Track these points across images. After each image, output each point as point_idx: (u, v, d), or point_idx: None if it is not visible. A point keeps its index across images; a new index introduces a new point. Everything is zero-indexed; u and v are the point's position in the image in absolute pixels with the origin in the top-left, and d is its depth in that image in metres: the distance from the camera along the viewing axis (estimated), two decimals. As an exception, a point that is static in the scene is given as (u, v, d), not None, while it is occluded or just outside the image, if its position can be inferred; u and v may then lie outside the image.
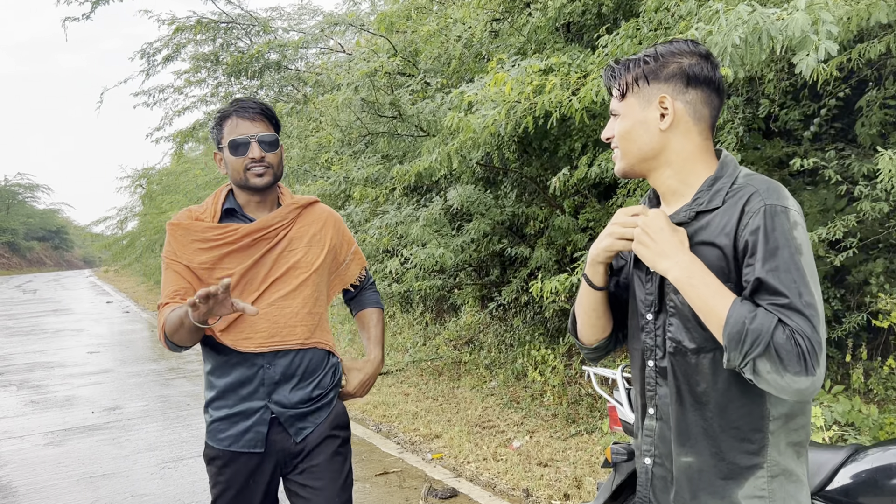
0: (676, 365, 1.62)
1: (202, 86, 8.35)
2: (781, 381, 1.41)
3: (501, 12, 6.40)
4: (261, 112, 2.32)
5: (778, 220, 1.49)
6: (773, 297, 1.45)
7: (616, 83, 1.68)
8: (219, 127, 2.33)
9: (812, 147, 5.50)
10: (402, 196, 7.37)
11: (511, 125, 4.13)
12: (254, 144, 2.28)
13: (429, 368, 8.09)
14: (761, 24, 2.23)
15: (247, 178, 2.29)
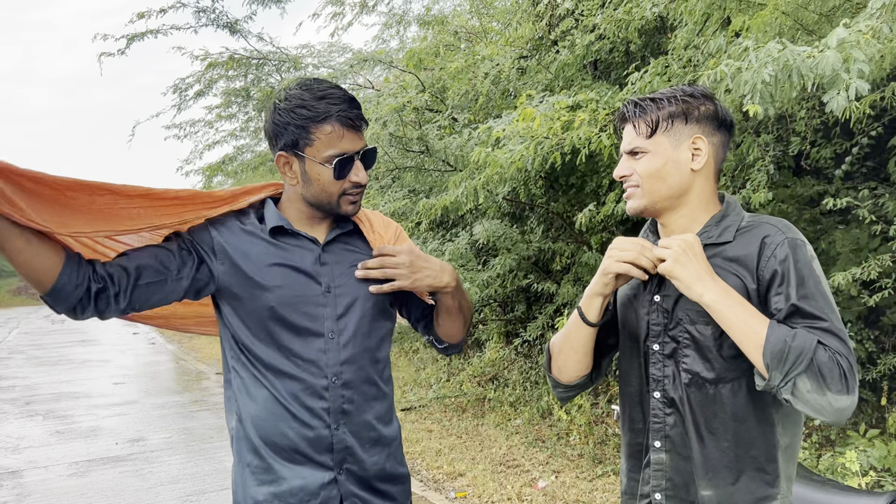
0: (692, 396, 1.61)
1: (232, 120, 8.51)
2: (822, 399, 1.41)
3: (529, 50, 6.45)
4: (363, 118, 1.83)
5: (801, 252, 1.54)
6: (809, 321, 1.48)
7: (645, 119, 1.65)
8: (303, 128, 1.76)
9: (843, 185, 5.43)
10: (429, 230, 7.38)
11: (539, 161, 4.13)
12: (358, 164, 1.80)
13: (452, 405, 8.01)
14: (791, 62, 2.22)
15: (339, 203, 1.82)
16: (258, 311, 1.82)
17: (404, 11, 8.19)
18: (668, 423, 1.64)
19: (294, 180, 1.84)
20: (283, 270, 1.84)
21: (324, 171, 1.77)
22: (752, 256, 1.57)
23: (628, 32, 5.32)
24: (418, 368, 10.15)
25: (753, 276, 1.56)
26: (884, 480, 4.33)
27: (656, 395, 1.66)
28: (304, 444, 1.81)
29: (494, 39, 6.61)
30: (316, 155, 1.77)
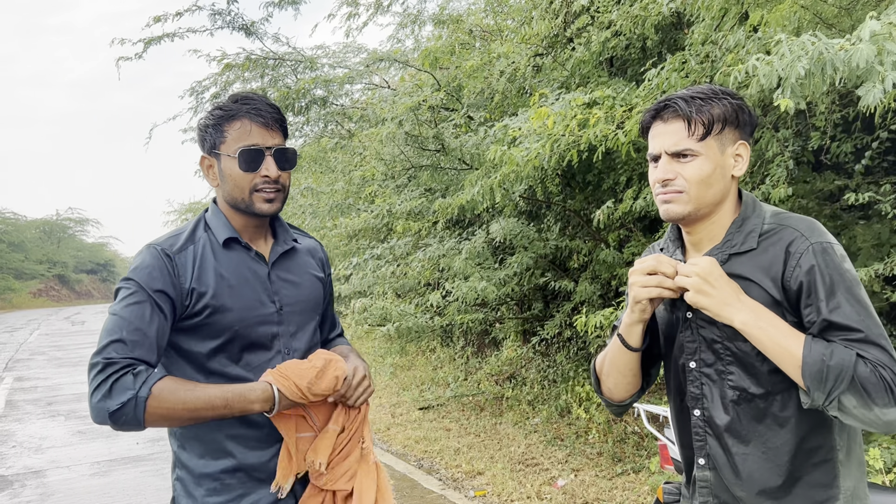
0: (743, 413, 1.57)
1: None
2: (870, 414, 1.40)
3: (545, 47, 6.43)
4: (279, 119, 1.88)
5: (828, 258, 1.49)
6: (844, 333, 1.44)
7: (701, 119, 1.56)
8: (218, 127, 1.83)
9: (864, 180, 5.37)
10: (445, 229, 7.38)
11: (555, 158, 4.12)
12: (269, 159, 1.82)
13: (470, 403, 8.01)
14: (825, 55, 2.19)
15: (252, 200, 1.83)
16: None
17: (419, 11, 8.17)
18: (710, 443, 1.62)
19: (215, 181, 1.90)
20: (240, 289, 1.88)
21: (234, 165, 1.82)
22: (777, 267, 1.53)
23: (644, 28, 5.29)
24: (435, 367, 10.16)
25: (779, 287, 1.52)
26: (908, 478, 4.27)
27: (696, 413, 1.63)
28: None
29: (510, 37, 6.59)
30: (228, 150, 1.82)
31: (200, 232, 1.89)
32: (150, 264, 1.78)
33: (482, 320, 7.70)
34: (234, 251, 1.89)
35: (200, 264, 1.83)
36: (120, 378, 1.64)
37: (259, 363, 1.85)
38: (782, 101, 2.53)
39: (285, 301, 1.92)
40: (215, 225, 1.89)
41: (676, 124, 1.58)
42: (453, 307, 6.32)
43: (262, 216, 1.88)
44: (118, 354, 1.67)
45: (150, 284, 1.75)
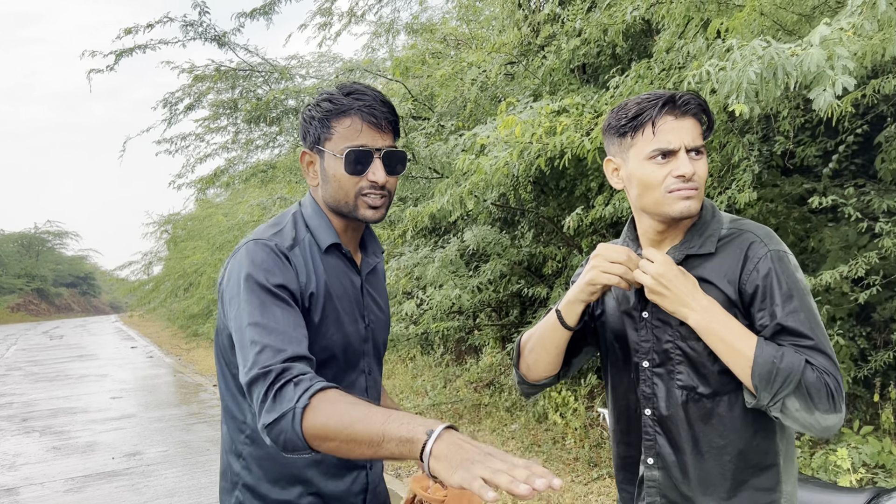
0: (691, 413, 1.59)
1: (222, 133, 8.52)
2: (811, 418, 1.43)
3: (516, 55, 6.47)
4: (393, 119, 1.71)
5: (784, 265, 1.53)
6: (795, 338, 1.48)
7: (708, 117, 1.59)
8: (325, 122, 1.67)
9: (831, 183, 5.45)
10: (420, 238, 7.38)
11: (524, 166, 4.14)
12: (378, 162, 1.66)
13: (449, 411, 8.01)
14: (776, 60, 2.23)
15: (356, 205, 1.67)
16: None
17: (392, 20, 8.22)
18: (660, 442, 1.64)
19: (315, 180, 1.73)
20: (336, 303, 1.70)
21: (339, 165, 1.65)
22: (734, 270, 1.56)
23: (612, 36, 5.34)
24: (414, 376, 10.15)
25: (736, 289, 1.55)
26: (876, 477, 4.33)
27: (647, 412, 1.65)
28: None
29: (482, 46, 6.63)
30: (334, 148, 1.66)
31: (303, 231, 1.70)
32: (263, 259, 1.58)
33: (460, 328, 7.71)
34: (334, 257, 1.72)
35: (312, 268, 1.65)
36: (282, 388, 1.40)
37: (348, 383, 1.72)
38: (737, 105, 2.57)
39: (371, 318, 1.79)
40: (317, 226, 1.72)
41: (690, 120, 1.56)
42: (428, 315, 6.33)
43: (365, 223, 1.73)
44: (272, 361, 1.44)
45: (269, 280, 1.55)
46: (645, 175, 1.57)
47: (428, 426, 1.26)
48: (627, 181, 1.64)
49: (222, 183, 9.87)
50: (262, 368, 1.43)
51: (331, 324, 1.64)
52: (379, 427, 1.29)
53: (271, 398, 1.39)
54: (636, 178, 1.60)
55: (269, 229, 1.69)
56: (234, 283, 1.59)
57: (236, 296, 1.56)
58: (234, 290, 1.57)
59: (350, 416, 1.33)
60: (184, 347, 20.39)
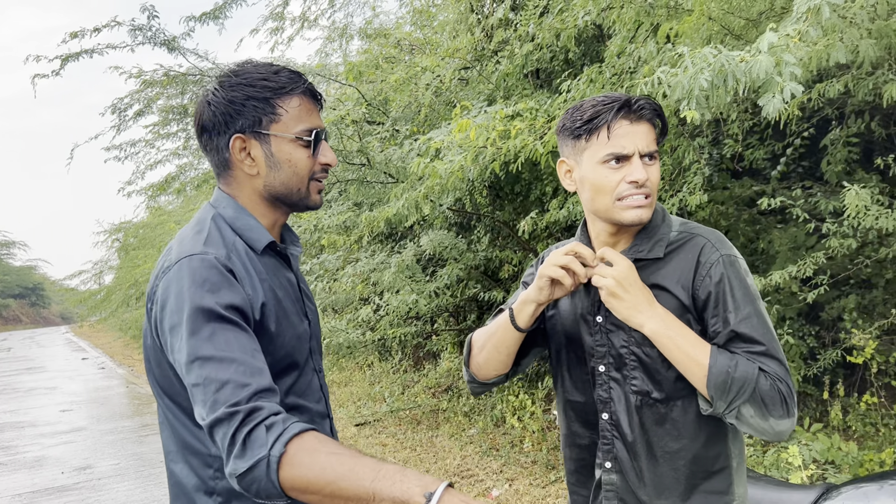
0: (645, 417, 1.59)
1: (173, 139, 8.36)
2: (765, 424, 1.45)
3: (470, 60, 6.48)
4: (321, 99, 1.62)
5: (736, 270, 1.53)
6: (748, 345, 1.49)
7: (661, 121, 1.58)
8: (268, 102, 1.51)
9: (780, 185, 5.56)
10: (376, 243, 7.34)
11: (479, 170, 4.14)
12: (325, 144, 1.58)
13: (407, 417, 7.97)
14: (726, 67, 2.26)
15: (308, 191, 1.57)
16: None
17: (346, 25, 8.17)
18: (617, 447, 1.63)
19: (255, 169, 1.54)
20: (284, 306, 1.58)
21: (296, 150, 1.53)
22: (687, 275, 1.55)
23: (564, 41, 5.38)
24: (372, 382, 10.08)
25: (689, 294, 1.55)
26: (826, 473, 4.42)
27: (604, 416, 1.64)
28: None
29: (436, 51, 6.63)
30: (284, 130, 1.52)
31: (230, 236, 1.53)
32: (206, 277, 1.40)
33: (417, 333, 7.68)
34: (268, 257, 1.58)
35: (254, 274, 1.50)
36: (252, 431, 1.27)
37: (304, 389, 1.58)
38: (688, 112, 2.60)
39: (309, 313, 1.67)
40: (245, 226, 1.55)
41: (645, 125, 1.55)
42: (385, 321, 6.28)
43: (313, 209, 1.63)
44: (236, 399, 1.30)
45: (217, 302, 1.38)
46: (598, 179, 1.56)
47: (425, 485, 1.19)
48: (580, 184, 1.62)
49: (174, 190, 9.68)
50: (228, 408, 1.29)
51: (285, 330, 1.53)
52: (367, 485, 1.21)
53: (240, 443, 1.27)
54: (589, 182, 1.58)
55: (195, 238, 1.50)
56: (174, 309, 1.40)
57: (179, 325, 1.38)
58: (176, 319, 1.39)
59: (334, 471, 1.24)
60: (136, 358, 19.95)
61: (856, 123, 5.25)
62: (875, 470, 4.49)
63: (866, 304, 5.42)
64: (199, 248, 1.46)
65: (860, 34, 2.81)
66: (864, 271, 4.97)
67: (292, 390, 1.56)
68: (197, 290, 1.38)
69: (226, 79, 1.55)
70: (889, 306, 5.35)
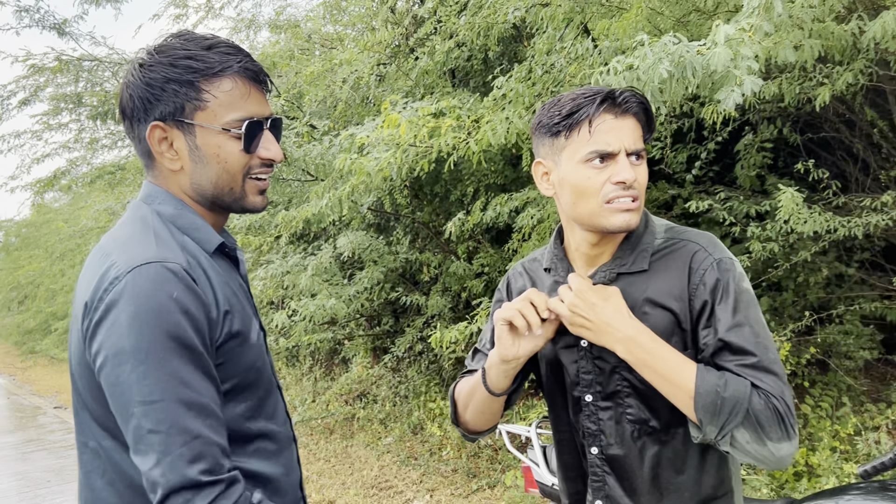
0: (646, 449, 1.42)
1: (64, 131, 7.74)
2: (763, 450, 1.27)
3: (388, 56, 6.28)
4: (268, 78, 1.39)
5: (731, 275, 1.37)
6: (739, 356, 1.32)
7: (649, 117, 1.41)
8: (192, 85, 1.28)
9: (694, 189, 5.63)
10: (289, 244, 7.01)
11: (406, 168, 3.95)
12: (269, 135, 1.35)
13: (319, 427, 7.66)
14: (685, 58, 2.15)
15: (244, 191, 1.35)
16: None
17: (254, 16, 7.77)
18: (609, 483, 1.46)
19: (177, 163, 1.32)
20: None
21: (227, 142, 1.30)
22: (680, 285, 1.40)
23: (488, 39, 5.26)
24: (281, 389, 9.70)
25: (686, 306, 1.39)
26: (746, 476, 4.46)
27: (593, 450, 1.47)
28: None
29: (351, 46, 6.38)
30: (213, 120, 1.29)
31: (178, 236, 1.30)
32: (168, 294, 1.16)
33: (331, 339, 7.40)
34: (220, 259, 1.37)
35: (215, 280, 1.28)
36: None
37: (272, 409, 1.37)
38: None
39: (261, 322, 1.46)
40: (192, 225, 1.33)
41: (631, 120, 1.39)
42: (300, 327, 5.98)
43: (250, 212, 1.39)
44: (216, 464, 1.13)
45: (183, 327, 1.16)
46: (579, 180, 1.39)
47: None
48: (559, 187, 1.45)
49: (63, 186, 8.99)
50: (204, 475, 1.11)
51: (246, 340, 1.31)
52: None
53: None
54: (569, 184, 1.41)
55: (144, 240, 1.25)
56: (125, 333, 1.15)
57: (138, 352, 1.14)
58: (129, 344, 1.15)
59: None
60: (18, 366, 18.64)
61: (768, 129, 5.37)
62: (789, 469, 4.58)
63: (777, 307, 5.56)
64: (155, 254, 1.21)
65: (803, 34, 2.79)
66: (776, 274, 5.08)
67: (261, 412, 1.34)
68: (162, 312, 1.15)
69: (147, 57, 1.31)
70: (798, 308, 5.51)
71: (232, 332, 1.27)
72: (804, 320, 4.81)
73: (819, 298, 5.40)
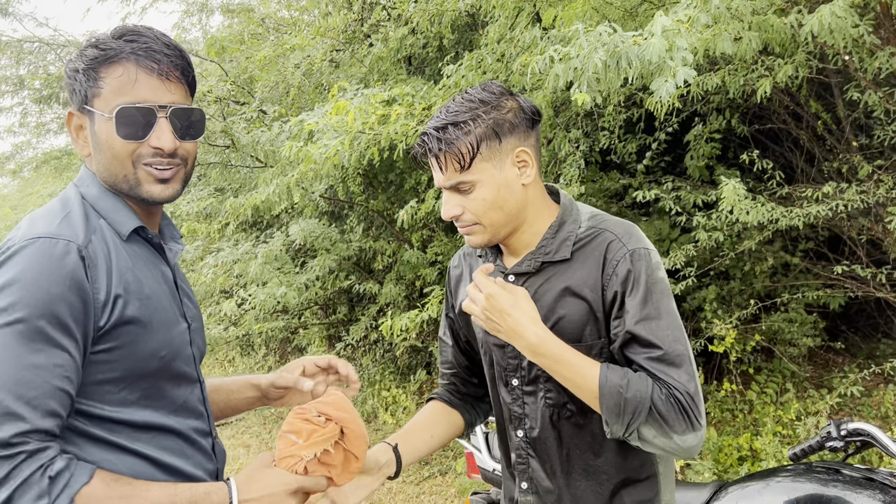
0: (563, 431, 1.45)
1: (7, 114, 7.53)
2: (670, 443, 1.31)
3: (342, 42, 6.21)
4: (181, 66, 1.35)
5: (643, 266, 1.39)
6: (646, 349, 1.35)
7: (455, 152, 1.38)
8: (91, 73, 1.30)
9: (645, 179, 5.70)
10: (240, 231, 6.93)
11: (355, 156, 3.92)
12: (163, 122, 1.31)
13: (272, 416, 7.61)
14: (620, 48, 2.17)
15: (137, 179, 1.33)
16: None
17: (206, -1, 7.63)
18: (533, 466, 1.49)
19: (87, 149, 1.36)
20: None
21: (110, 128, 1.30)
22: (595, 274, 1.42)
23: (441, 27, 5.24)
24: (235, 379, 9.60)
25: (599, 296, 1.42)
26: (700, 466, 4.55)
27: (518, 434, 1.50)
28: None
29: (305, 30, 6.31)
30: (104, 107, 1.30)
31: (94, 217, 1.32)
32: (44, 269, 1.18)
33: (283, 328, 7.34)
34: (138, 246, 1.37)
35: (114, 263, 1.28)
36: (26, 480, 1.11)
37: (181, 399, 1.38)
38: (578, 96, 2.50)
39: (190, 315, 1.46)
40: (109, 208, 1.34)
41: (437, 161, 1.43)
42: (250, 315, 5.92)
43: (150, 203, 1.37)
44: (14, 434, 1.12)
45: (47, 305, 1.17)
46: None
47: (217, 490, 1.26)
48: None
49: (8, 171, 8.76)
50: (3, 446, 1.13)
51: (150, 328, 1.30)
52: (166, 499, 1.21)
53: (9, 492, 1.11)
54: None
55: (51, 217, 1.28)
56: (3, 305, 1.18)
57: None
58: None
59: None
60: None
61: (717, 120, 5.45)
62: (733, 454, 4.68)
63: (724, 295, 5.66)
64: (51, 230, 1.24)
65: (742, 26, 2.83)
66: (723, 263, 5.18)
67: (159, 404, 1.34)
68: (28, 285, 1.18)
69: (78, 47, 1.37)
70: (745, 296, 5.62)
71: (125, 318, 1.26)
72: (750, 308, 4.91)
73: (765, 287, 5.51)
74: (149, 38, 1.32)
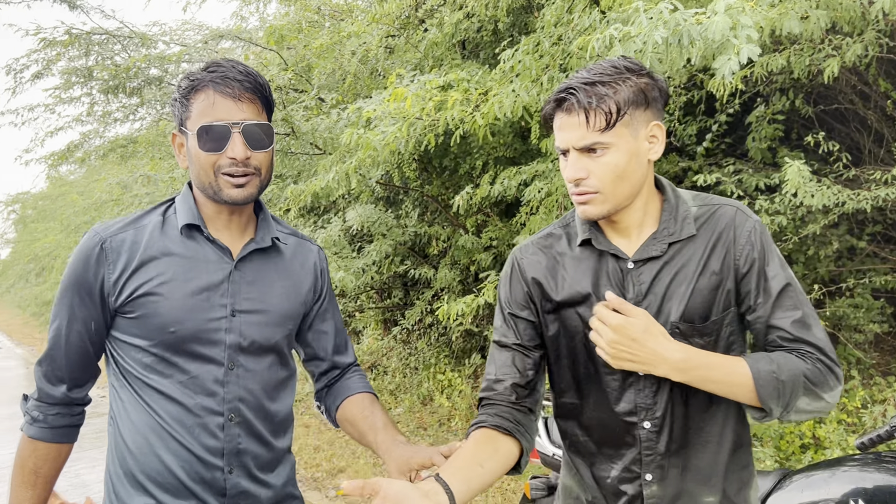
0: (692, 407, 1.48)
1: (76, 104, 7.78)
2: (821, 404, 1.40)
3: (397, 28, 6.24)
4: (252, 88, 1.60)
5: (767, 237, 1.46)
6: (789, 313, 1.41)
7: (604, 108, 1.38)
8: (184, 101, 1.60)
9: (705, 162, 5.59)
10: (298, 217, 7.05)
11: (413, 142, 3.95)
12: (236, 136, 1.55)
13: (331, 397, 7.76)
14: (682, 26, 2.13)
15: (219, 185, 1.58)
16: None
17: (264, -13, 7.73)
18: (660, 451, 1.48)
19: (184, 161, 1.67)
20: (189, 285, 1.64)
21: (193, 144, 1.58)
22: (725, 248, 1.45)
23: (497, 10, 5.21)
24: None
25: (732, 268, 1.44)
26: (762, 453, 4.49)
27: (646, 424, 1.48)
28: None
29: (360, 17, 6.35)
30: (192, 127, 1.58)
31: (154, 216, 1.67)
32: (76, 252, 1.62)
33: (342, 311, 7.46)
34: (194, 240, 1.65)
35: (143, 250, 1.61)
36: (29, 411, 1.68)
37: (201, 374, 1.59)
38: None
39: (243, 306, 1.64)
40: (181, 208, 1.67)
41: (576, 117, 1.40)
42: (309, 299, 6.02)
43: (231, 204, 1.61)
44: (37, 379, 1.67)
45: (72, 278, 1.61)
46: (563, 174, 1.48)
47: None
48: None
49: (77, 159, 9.06)
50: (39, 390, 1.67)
51: (162, 304, 1.58)
52: None
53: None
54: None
55: (126, 216, 1.69)
56: None
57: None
58: None
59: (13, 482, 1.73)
60: (37, 336, 18.93)
61: (780, 101, 5.30)
62: (796, 442, 4.60)
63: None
64: (98, 225, 1.65)
65: (810, 5, 2.75)
66: (786, 248, 5.06)
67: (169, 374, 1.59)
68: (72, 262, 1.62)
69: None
70: (809, 281, 5.48)
71: (140, 291, 1.58)
72: (814, 294, 4.79)
73: (829, 272, 5.36)
74: (226, 67, 1.59)
